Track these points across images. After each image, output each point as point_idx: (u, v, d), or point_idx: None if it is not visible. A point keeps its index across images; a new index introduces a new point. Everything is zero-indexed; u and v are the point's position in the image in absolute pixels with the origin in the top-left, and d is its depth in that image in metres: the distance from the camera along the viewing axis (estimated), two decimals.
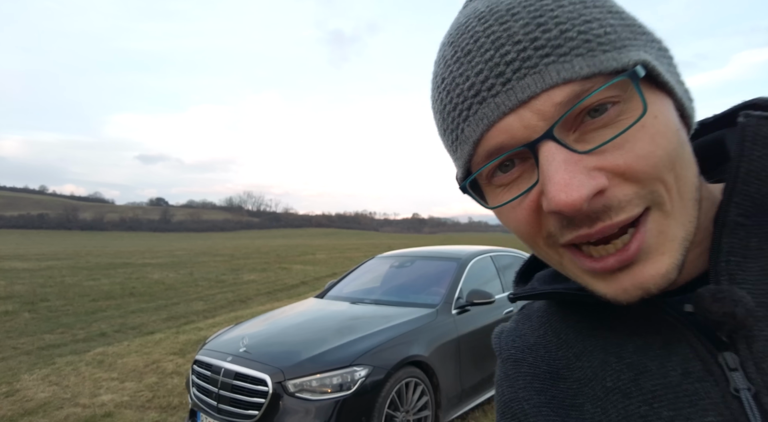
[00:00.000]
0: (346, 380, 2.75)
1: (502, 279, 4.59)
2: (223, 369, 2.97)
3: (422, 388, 3.15)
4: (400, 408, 3.00)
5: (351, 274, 4.90)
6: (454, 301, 3.79)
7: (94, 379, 4.74)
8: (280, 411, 2.67)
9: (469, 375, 3.63)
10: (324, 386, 2.72)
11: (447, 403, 3.39)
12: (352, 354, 2.89)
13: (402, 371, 3.00)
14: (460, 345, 3.56)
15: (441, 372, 3.32)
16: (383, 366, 2.88)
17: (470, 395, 3.67)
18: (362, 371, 2.80)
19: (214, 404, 2.92)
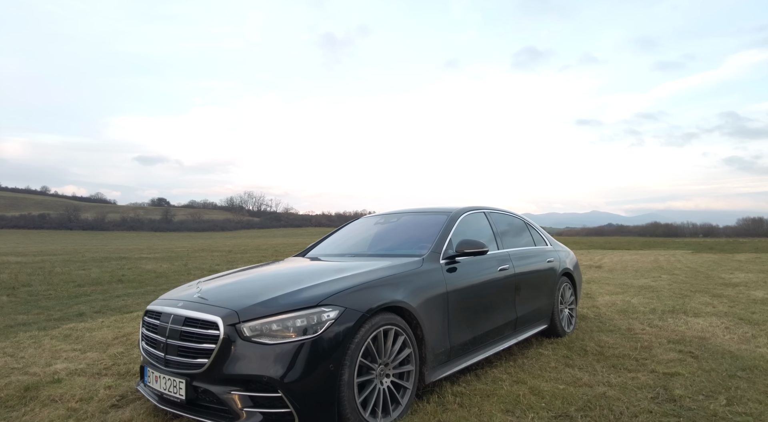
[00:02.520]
0: (311, 322, 2.34)
1: (497, 236, 4.18)
2: (172, 315, 2.56)
3: (404, 339, 2.74)
4: (378, 359, 2.59)
5: (335, 234, 4.50)
6: (442, 251, 3.38)
7: (54, 351, 4.35)
8: (232, 358, 2.27)
9: (459, 332, 3.22)
10: (286, 329, 2.31)
11: (434, 360, 2.98)
12: (321, 294, 2.48)
13: (380, 317, 2.59)
14: (449, 300, 3.14)
15: (427, 324, 2.91)
16: (357, 309, 2.47)
17: (461, 354, 3.25)
18: (331, 312, 2.39)
19: (162, 355, 2.52)
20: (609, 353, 4.07)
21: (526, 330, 4.16)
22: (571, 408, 2.78)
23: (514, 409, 2.79)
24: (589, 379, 3.35)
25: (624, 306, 6.65)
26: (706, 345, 4.33)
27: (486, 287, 3.59)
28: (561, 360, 3.89)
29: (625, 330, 5.04)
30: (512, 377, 3.43)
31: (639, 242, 49.56)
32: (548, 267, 4.65)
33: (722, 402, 2.87)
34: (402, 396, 2.71)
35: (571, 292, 5.08)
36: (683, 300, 7.17)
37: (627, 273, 12.38)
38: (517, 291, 3.98)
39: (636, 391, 3.08)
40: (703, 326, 5.21)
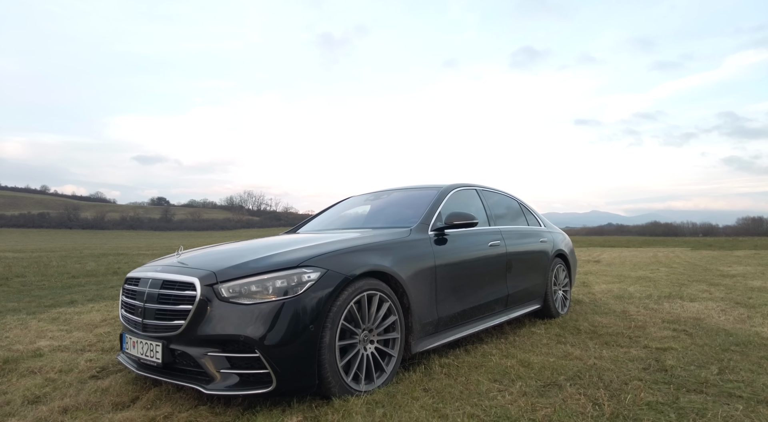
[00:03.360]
0: (291, 283, 2.28)
1: (489, 213, 4.12)
2: (150, 279, 2.50)
3: (389, 306, 2.68)
4: (361, 324, 2.53)
5: (325, 212, 4.44)
6: (431, 223, 3.32)
7: (39, 331, 4.29)
8: (209, 319, 2.21)
9: (447, 304, 3.16)
10: (265, 290, 2.25)
11: (420, 330, 2.92)
12: (302, 256, 2.42)
13: (363, 281, 2.53)
14: (437, 271, 3.08)
15: (413, 293, 2.85)
16: (339, 272, 2.41)
17: (449, 327, 3.19)
18: (312, 274, 2.33)
19: (140, 320, 2.45)
20: (602, 331, 4.01)
21: (518, 308, 4.10)
22: (560, 378, 2.72)
23: (502, 379, 2.73)
24: (581, 353, 3.29)
25: (620, 293, 6.60)
26: (701, 324, 4.27)
27: (475, 262, 3.53)
28: (553, 337, 3.83)
29: (619, 312, 4.99)
30: (502, 351, 3.38)
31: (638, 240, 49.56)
32: (541, 247, 4.60)
33: (714, 371, 2.81)
34: (387, 364, 2.66)
35: (566, 274, 5.02)
36: (680, 288, 7.12)
37: (625, 266, 12.35)
38: (508, 268, 3.92)
39: (627, 363, 3.03)
40: (698, 309, 5.15)
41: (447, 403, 2.33)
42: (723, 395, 2.43)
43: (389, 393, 2.46)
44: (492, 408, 2.25)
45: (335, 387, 2.31)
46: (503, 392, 2.49)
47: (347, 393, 2.36)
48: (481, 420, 2.13)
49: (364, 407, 2.24)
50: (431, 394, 2.47)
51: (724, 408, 2.24)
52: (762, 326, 4.19)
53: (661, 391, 2.47)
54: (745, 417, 2.13)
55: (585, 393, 2.43)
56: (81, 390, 2.56)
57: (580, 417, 2.14)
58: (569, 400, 2.34)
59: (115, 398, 2.41)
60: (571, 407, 2.25)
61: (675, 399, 2.35)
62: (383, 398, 2.39)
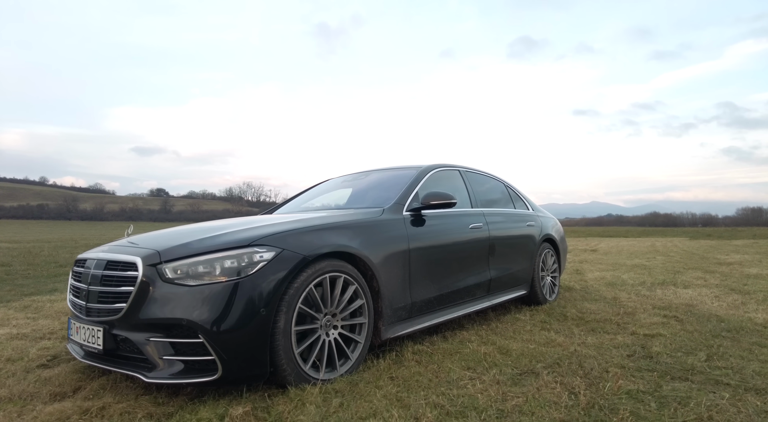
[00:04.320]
0: (242, 263, 2.10)
1: (472, 195, 3.93)
2: (95, 260, 2.33)
3: (355, 289, 2.50)
4: (323, 308, 2.35)
5: (302, 194, 4.25)
6: (407, 203, 3.14)
7: (5, 319, 4.12)
8: (151, 301, 2.03)
9: (422, 288, 2.99)
10: (212, 270, 2.07)
11: (392, 315, 2.75)
12: (256, 235, 2.23)
13: (326, 262, 2.35)
14: (411, 253, 2.90)
15: (383, 275, 2.67)
16: (296, 252, 2.23)
17: (424, 312, 3.02)
18: (265, 253, 2.15)
19: (83, 304, 2.28)
20: (590, 318, 3.85)
21: (501, 294, 3.93)
22: (538, 365, 2.55)
23: (476, 366, 2.56)
24: (564, 340, 3.12)
25: (613, 280, 6.43)
26: (693, 310, 4.11)
27: (455, 245, 3.36)
28: (538, 324, 3.67)
29: (610, 298, 4.82)
30: (482, 338, 3.21)
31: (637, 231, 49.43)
32: (528, 231, 4.42)
33: (702, 357, 2.65)
34: (352, 350, 2.49)
35: (554, 259, 4.85)
36: (675, 275, 6.96)
37: (621, 255, 12.18)
38: (491, 252, 3.75)
39: (611, 350, 2.86)
40: (692, 295, 4.99)
41: (412, 392, 2.17)
42: (709, 382, 2.26)
43: (352, 382, 2.29)
44: (459, 398, 2.08)
45: (291, 375, 2.15)
46: (475, 380, 2.32)
47: (305, 382, 2.19)
48: (445, 410, 1.96)
49: (320, 396, 2.07)
50: (397, 382, 2.30)
51: (710, 396, 2.08)
52: (755, 312, 4.03)
53: (644, 379, 2.30)
54: (731, 406, 1.97)
55: (562, 382, 2.27)
56: (23, 379, 2.39)
57: (553, 407, 1.97)
58: (544, 389, 2.18)
59: (56, 388, 2.24)
60: (544, 396, 2.08)
61: (657, 387, 2.19)
62: (344, 386, 2.22)
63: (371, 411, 1.94)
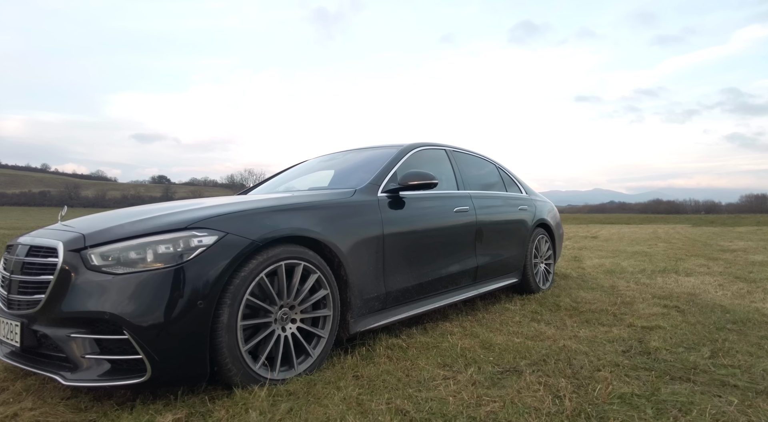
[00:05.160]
0: (178, 248, 1.82)
1: (459, 177, 3.63)
2: (20, 245, 2.06)
3: (317, 278, 2.23)
4: (278, 300, 2.08)
5: (278, 175, 3.97)
6: (382, 184, 2.85)
7: None
8: (73, 292, 1.76)
9: (399, 276, 2.72)
10: (143, 257, 1.80)
11: (362, 306, 2.48)
12: (196, 216, 1.95)
13: (281, 248, 2.08)
14: (386, 238, 2.63)
15: (352, 262, 2.40)
16: (244, 236, 1.95)
17: (401, 302, 2.76)
18: (205, 237, 1.87)
19: (5, 295, 2.02)
20: (584, 308, 3.58)
21: (489, 282, 3.67)
22: (522, 363, 2.29)
23: (454, 363, 2.30)
24: (554, 333, 2.86)
25: (612, 268, 6.16)
26: (696, 300, 3.84)
27: (437, 229, 3.08)
28: (528, 315, 3.41)
29: (608, 287, 4.56)
30: (465, 330, 2.95)
31: (639, 218, 49.06)
32: (520, 216, 4.13)
33: (705, 354, 2.38)
34: (314, 346, 2.23)
35: (549, 246, 4.57)
36: (676, 263, 6.68)
37: (622, 242, 11.90)
38: (478, 238, 3.47)
39: (605, 344, 2.60)
40: (694, 283, 4.71)
41: (376, 394, 1.91)
42: (714, 384, 2.00)
43: (310, 382, 2.03)
44: (428, 402, 1.82)
45: (237, 375, 1.89)
46: (449, 380, 2.06)
47: (254, 382, 1.93)
48: (408, 418, 1.70)
49: (269, 400, 1.81)
50: (361, 383, 2.05)
51: (715, 401, 1.81)
52: (763, 301, 3.75)
53: (640, 380, 2.04)
54: (740, 414, 1.70)
55: (546, 383, 2.00)
56: None
57: (533, 414, 1.71)
58: (525, 392, 1.91)
59: None
60: (524, 401, 1.82)
61: (655, 389, 1.92)
62: (300, 388, 1.97)
63: (323, 419, 1.68)
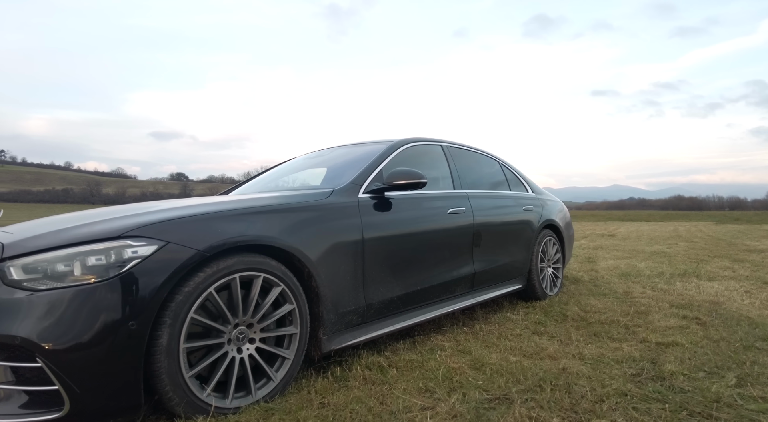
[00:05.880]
0: (109, 260, 1.58)
1: (456, 175, 3.34)
2: None
3: (281, 291, 1.98)
4: (231, 318, 1.84)
5: (265, 172, 3.73)
6: (365, 183, 2.58)
7: None
8: None
9: (382, 286, 2.45)
10: (71, 270, 1.56)
11: (337, 321, 2.22)
12: (133, 223, 1.71)
13: (236, 258, 1.83)
14: (366, 244, 2.36)
15: (325, 273, 2.14)
16: (188, 245, 1.71)
17: (384, 315, 2.49)
18: (141, 248, 1.63)
19: None
20: (593, 319, 3.26)
21: (489, 289, 3.37)
22: (515, 389, 2.00)
23: (437, 388, 2.03)
24: (556, 350, 2.56)
25: (627, 270, 5.79)
26: (719, 310, 3.48)
27: (428, 233, 2.80)
28: (530, 326, 3.11)
29: (621, 293, 4.21)
30: (458, 345, 2.67)
31: (660, 215, 47.76)
32: (524, 217, 3.82)
33: (730, 381, 2.06)
34: (277, 369, 1.98)
35: (557, 248, 4.24)
36: (698, 265, 6.26)
37: (641, 241, 11.41)
38: (476, 242, 3.18)
39: (613, 366, 2.29)
40: (717, 290, 4.34)
41: None
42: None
43: (267, 411, 1.78)
44: None
45: (180, 404, 1.65)
46: (426, 412, 1.79)
47: (200, 412, 1.69)
48: None
49: None
50: (326, 413, 1.79)
51: None
52: None
53: (650, 415, 1.73)
54: None
55: (538, 418, 1.72)
56: None
57: None
58: None
59: None
60: None
61: None
62: (255, 418, 1.72)
63: None
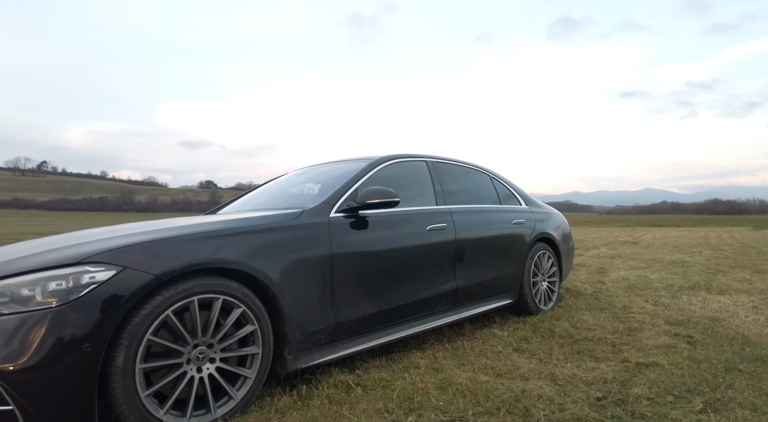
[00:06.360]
0: (68, 285, 1.68)
1: (440, 190, 3.35)
2: None
3: (242, 312, 2.04)
4: (190, 339, 1.91)
5: (256, 190, 3.83)
6: (338, 202, 2.63)
7: None
8: None
9: (352, 305, 2.49)
10: (33, 295, 1.67)
11: (304, 340, 2.27)
12: (91, 250, 1.81)
13: (194, 282, 1.90)
14: (335, 263, 2.41)
15: (289, 294, 2.20)
16: (145, 270, 1.79)
17: (356, 333, 2.53)
18: (99, 273, 1.72)
19: None
20: (581, 336, 3.21)
21: (474, 305, 3.36)
22: (471, 411, 2.00)
23: (396, 409, 2.05)
24: (531, 369, 2.54)
25: (636, 282, 5.64)
26: (717, 327, 3.37)
27: (403, 250, 2.82)
28: (514, 343, 3.08)
29: (619, 308, 4.12)
30: (434, 363, 2.68)
31: (693, 219, 46.05)
32: (514, 231, 3.79)
33: (696, 406, 2.00)
34: (238, 387, 2.04)
35: (552, 262, 4.19)
36: (714, 276, 6.05)
37: (664, 249, 11.06)
38: (458, 258, 3.18)
39: (581, 388, 2.25)
40: (723, 305, 4.18)
41: None
42: None
43: None
44: None
45: None
46: None
47: None
48: None
49: None
50: None
51: None
52: None
53: None
54: None
55: None
56: None
57: None
58: None
59: None
60: None
61: None
62: None
63: None
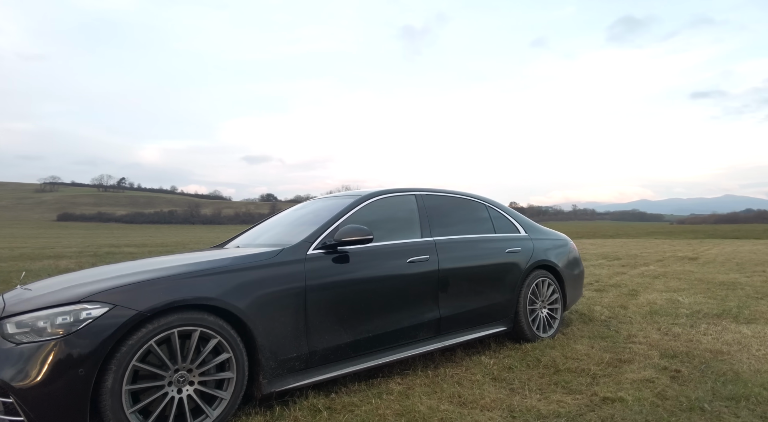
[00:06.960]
0: (70, 320, 2.08)
1: (427, 223, 3.55)
2: None
3: (218, 342, 2.36)
4: (170, 365, 2.25)
5: (264, 222, 4.20)
6: (317, 240, 2.91)
7: None
8: None
9: (327, 334, 2.75)
10: (45, 328, 2.08)
11: (278, 367, 2.56)
12: (92, 290, 2.20)
13: (174, 316, 2.25)
14: (308, 296, 2.68)
15: (263, 326, 2.50)
16: (131, 307, 2.15)
17: (331, 360, 2.78)
18: (94, 310, 2.11)
19: None
20: (565, 366, 3.26)
21: (462, 333, 3.50)
22: None
23: None
24: (494, 400, 2.66)
25: (661, 307, 5.45)
26: (714, 361, 3.29)
27: (380, 281, 3.05)
28: (496, 371, 3.19)
29: (624, 336, 4.07)
30: (408, 389, 2.87)
31: None
32: (508, 259, 3.89)
33: None
34: (215, 407, 2.35)
35: (553, 289, 4.22)
36: (756, 302, 5.71)
37: (723, 267, 10.35)
38: (441, 287, 3.35)
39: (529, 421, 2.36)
40: (739, 337, 4.01)
41: None
42: None
43: None
44: None
45: None
46: None
47: None
48: None
49: None
50: None
51: None
52: None
53: None
54: None
55: None
56: None
57: None
58: None
59: None
60: None
61: None
62: None
63: None
